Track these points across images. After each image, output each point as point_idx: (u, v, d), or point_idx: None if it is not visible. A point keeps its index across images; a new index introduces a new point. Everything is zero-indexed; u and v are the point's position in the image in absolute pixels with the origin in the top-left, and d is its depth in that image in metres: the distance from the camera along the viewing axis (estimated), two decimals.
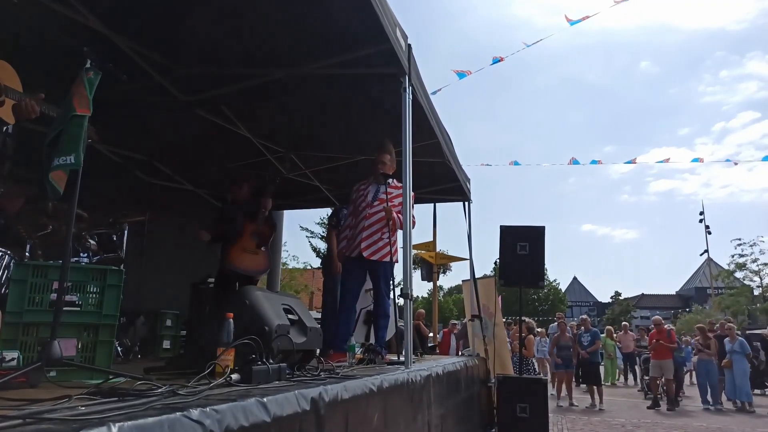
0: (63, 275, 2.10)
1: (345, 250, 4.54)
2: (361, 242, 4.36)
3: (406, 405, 2.95)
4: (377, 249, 4.38)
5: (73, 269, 2.39)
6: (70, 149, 2.10)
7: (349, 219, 4.65)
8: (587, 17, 9.54)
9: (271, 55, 4.07)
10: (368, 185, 4.56)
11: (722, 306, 31.46)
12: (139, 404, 1.28)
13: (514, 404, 5.92)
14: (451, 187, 6.85)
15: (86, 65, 2.22)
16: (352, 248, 4.43)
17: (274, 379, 2.13)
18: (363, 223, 4.41)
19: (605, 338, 15.44)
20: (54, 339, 1.95)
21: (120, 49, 3.83)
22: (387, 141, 4.63)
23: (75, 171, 2.12)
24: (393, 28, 3.52)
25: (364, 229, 4.40)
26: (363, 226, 4.40)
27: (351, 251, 4.44)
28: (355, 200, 4.57)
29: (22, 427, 0.98)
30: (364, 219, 4.42)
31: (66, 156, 2.09)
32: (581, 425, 8.09)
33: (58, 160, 2.09)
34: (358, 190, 4.59)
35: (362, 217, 4.43)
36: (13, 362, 1.95)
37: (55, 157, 2.10)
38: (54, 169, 2.10)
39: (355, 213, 4.55)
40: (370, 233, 4.40)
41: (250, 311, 2.49)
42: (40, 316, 2.28)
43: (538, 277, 6.69)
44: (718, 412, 10.09)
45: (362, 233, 4.39)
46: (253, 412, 1.45)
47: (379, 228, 4.38)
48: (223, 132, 5.37)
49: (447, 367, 4.20)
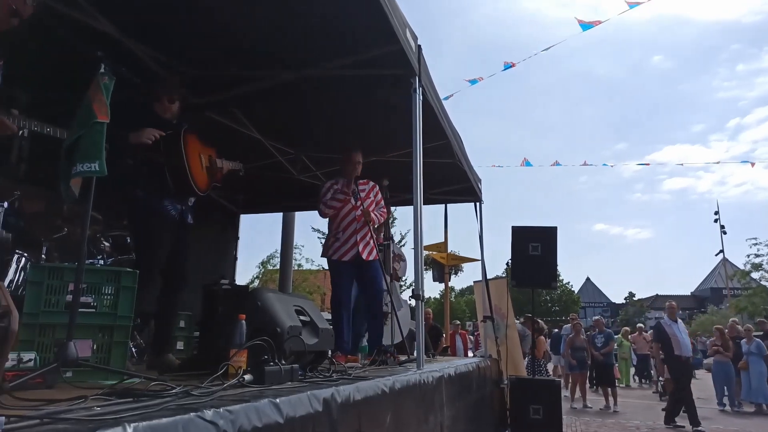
0: (78, 277, 2.12)
1: (335, 255, 4.45)
2: (357, 244, 4.41)
3: (418, 406, 2.95)
4: (371, 249, 4.51)
5: (88, 271, 2.42)
6: (93, 156, 2.12)
7: (333, 224, 4.57)
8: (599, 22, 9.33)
9: (282, 57, 4.09)
10: (343, 185, 4.52)
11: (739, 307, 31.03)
12: (153, 405, 1.30)
13: (527, 406, 5.89)
14: (463, 188, 6.84)
15: (101, 70, 2.24)
16: (346, 251, 4.43)
17: (287, 380, 2.14)
18: (355, 226, 4.47)
19: (621, 339, 15.33)
20: (70, 340, 1.97)
21: (132, 52, 3.87)
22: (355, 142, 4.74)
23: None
24: (403, 28, 3.53)
25: (357, 231, 4.46)
26: (355, 229, 4.47)
27: (344, 255, 4.43)
28: (338, 204, 4.49)
29: (40, 426, 1.00)
30: (354, 221, 4.48)
31: (89, 163, 2.11)
32: (595, 427, 8.02)
33: (82, 166, 2.11)
34: (338, 191, 4.50)
35: (352, 219, 4.48)
36: (31, 363, 1.98)
37: (78, 163, 2.12)
38: (77, 175, 2.13)
39: (340, 217, 4.50)
40: (363, 235, 4.48)
41: (262, 313, 2.51)
42: (56, 318, 2.30)
43: (551, 278, 6.65)
44: (735, 414, 9.96)
45: (356, 235, 4.45)
46: (266, 412, 1.46)
47: (368, 229, 4.48)
48: (234, 134, 5.40)
49: (459, 369, 4.19)
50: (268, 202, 8.01)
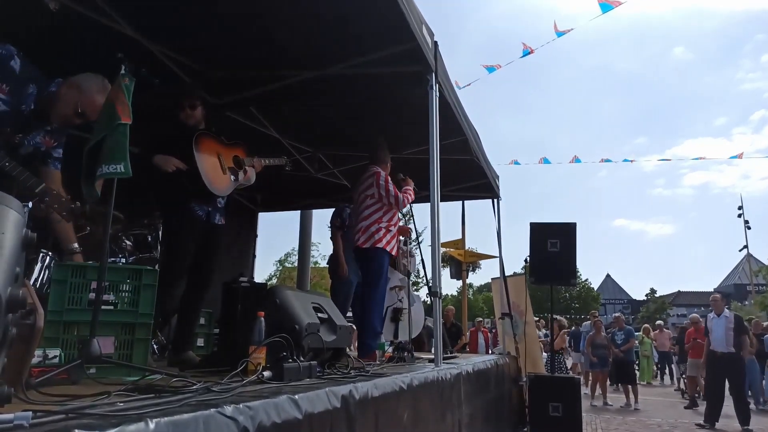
0: (101, 275, 2.16)
1: (388, 246, 4.38)
2: (395, 237, 4.46)
3: (435, 403, 2.95)
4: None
5: (110, 270, 2.46)
6: (118, 157, 2.15)
7: (386, 215, 4.48)
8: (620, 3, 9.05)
9: (299, 56, 4.10)
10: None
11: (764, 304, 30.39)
12: (174, 401, 1.31)
13: (547, 403, 5.85)
14: (480, 185, 6.80)
15: (121, 71, 2.27)
16: (394, 245, 4.47)
17: (305, 376, 2.15)
18: (395, 218, 4.49)
19: (642, 336, 15.13)
20: (93, 337, 2.01)
21: (151, 53, 3.92)
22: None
23: None
24: (419, 26, 3.52)
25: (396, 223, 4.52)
26: (396, 221, 4.51)
27: (393, 248, 4.47)
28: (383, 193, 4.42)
29: (65, 422, 1.02)
30: (394, 215, 4.49)
31: (115, 164, 2.14)
32: (616, 425, 7.93)
33: (107, 167, 2.15)
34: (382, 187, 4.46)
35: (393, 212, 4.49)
36: (55, 360, 2.02)
37: (104, 164, 2.15)
38: (102, 176, 2.17)
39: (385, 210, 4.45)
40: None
41: (281, 310, 2.53)
42: (79, 315, 2.35)
43: (570, 275, 6.59)
44: (759, 412, 9.77)
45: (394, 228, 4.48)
46: (285, 408, 1.47)
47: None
48: (252, 133, 5.44)
49: (477, 366, 4.18)
50: (286, 200, 8.05)
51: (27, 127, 2.47)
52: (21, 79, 2.40)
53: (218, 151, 3.45)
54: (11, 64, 2.36)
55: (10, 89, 2.36)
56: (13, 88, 2.37)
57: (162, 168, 3.20)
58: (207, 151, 3.36)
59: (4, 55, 2.35)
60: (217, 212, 3.50)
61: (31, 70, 2.44)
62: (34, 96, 2.45)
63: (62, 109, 2.52)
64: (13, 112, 2.37)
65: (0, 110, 2.33)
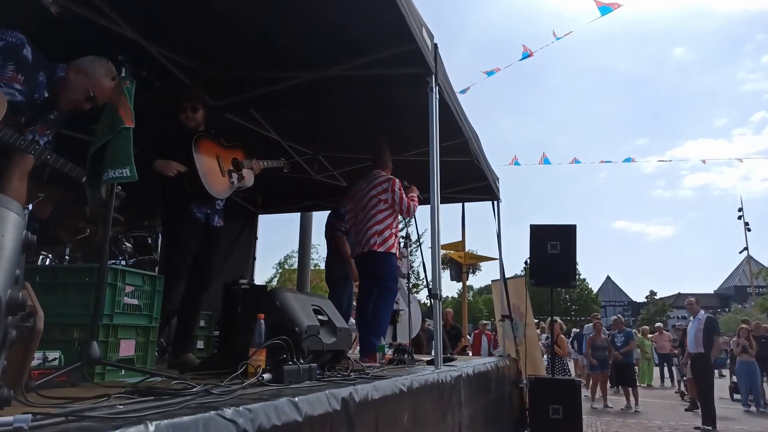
0: (101, 278, 2.16)
1: (394, 249, 4.43)
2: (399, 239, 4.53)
3: (436, 406, 2.94)
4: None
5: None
6: (123, 162, 2.14)
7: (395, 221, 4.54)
8: (618, 5, 9.05)
9: (299, 58, 4.11)
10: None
11: (764, 306, 30.38)
12: (174, 403, 1.31)
13: (547, 406, 5.84)
14: (480, 187, 6.80)
15: (122, 74, 2.27)
16: (395, 244, 4.50)
17: (305, 379, 2.15)
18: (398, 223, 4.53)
19: (642, 338, 15.11)
20: (92, 340, 2.01)
21: (151, 55, 3.92)
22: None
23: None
24: (419, 28, 3.52)
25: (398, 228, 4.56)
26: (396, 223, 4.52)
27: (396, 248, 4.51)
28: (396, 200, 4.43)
29: (65, 424, 1.02)
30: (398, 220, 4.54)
31: (120, 169, 2.13)
32: (616, 427, 7.92)
33: (113, 172, 2.13)
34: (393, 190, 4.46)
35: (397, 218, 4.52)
36: (55, 362, 2.02)
37: (110, 169, 2.14)
38: (109, 181, 2.15)
39: (395, 216, 4.50)
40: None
41: (281, 312, 2.53)
42: (78, 318, 2.34)
43: (570, 277, 6.59)
44: (760, 414, 9.76)
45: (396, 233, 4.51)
46: (285, 411, 1.47)
47: None
48: (252, 135, 5.44)
49: (477, 368, 4.17)
50: (286, 202, 8.05)
51: (39, 115, 2.44)
52: (34, 68, 2.37)
53: (217, 153, 3.46)
54: (24, 53, 2.32)
55: (26, 78, 2.33)
56: (28, 78, 2.34)
57: (163, 173, 3.20)
58: (206, 153, 3.36)
59: (17, 43, 2.31)
60: (216, 214, 3.50)
61: (40, 58, 2.41)
62: (45, 84, 2.41)
63: (72, 94, 2.50)
64: (28, 102, 2.34)
65: (17, 100, 2.29)
